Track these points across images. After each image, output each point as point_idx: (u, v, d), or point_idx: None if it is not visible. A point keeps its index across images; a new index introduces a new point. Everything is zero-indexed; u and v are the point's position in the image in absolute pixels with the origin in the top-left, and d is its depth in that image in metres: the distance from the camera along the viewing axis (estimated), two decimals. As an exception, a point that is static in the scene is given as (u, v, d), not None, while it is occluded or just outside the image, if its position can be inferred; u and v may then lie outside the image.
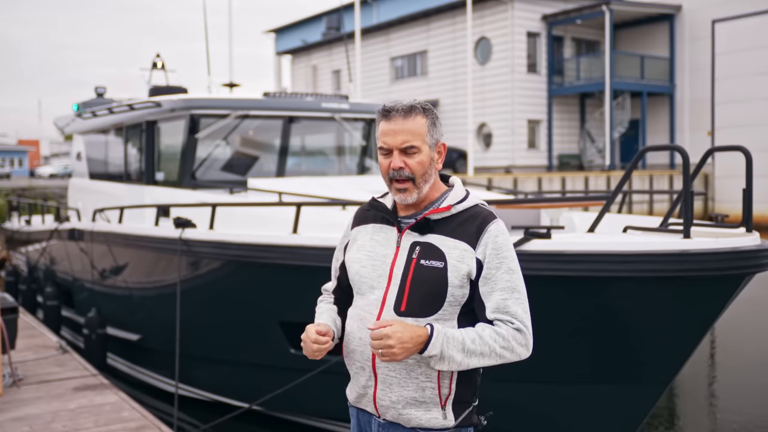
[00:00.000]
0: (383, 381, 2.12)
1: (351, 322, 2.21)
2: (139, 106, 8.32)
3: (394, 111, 2.12)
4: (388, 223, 2.23)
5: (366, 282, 2.18)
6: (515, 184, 21.77)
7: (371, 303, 2.15)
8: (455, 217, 2.15)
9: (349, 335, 2.20)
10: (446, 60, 30.68)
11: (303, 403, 6.21)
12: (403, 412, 2.11)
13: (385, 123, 2.14)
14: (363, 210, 2.34)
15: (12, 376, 6.29)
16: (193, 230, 6.24)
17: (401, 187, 2.13)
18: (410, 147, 2.11)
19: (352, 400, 2.26)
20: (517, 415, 4.90)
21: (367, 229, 2.26)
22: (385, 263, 2.16)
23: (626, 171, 4.19)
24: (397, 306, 2.10)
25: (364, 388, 2.18)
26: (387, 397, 2.12)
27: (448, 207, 2.15)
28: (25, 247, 12.75)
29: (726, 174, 25.24)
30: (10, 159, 56.58)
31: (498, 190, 9.62)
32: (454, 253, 2.09)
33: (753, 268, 3.99)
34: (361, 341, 2.14)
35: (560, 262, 4.17)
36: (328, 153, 9.05)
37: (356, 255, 2.24)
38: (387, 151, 2.14)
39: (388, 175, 2.15)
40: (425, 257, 2.10)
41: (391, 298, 2.12)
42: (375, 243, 2.21)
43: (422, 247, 2.12)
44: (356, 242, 2.28)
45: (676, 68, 28.77)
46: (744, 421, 7.02)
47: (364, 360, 2.15)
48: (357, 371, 2.19)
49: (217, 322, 6.37)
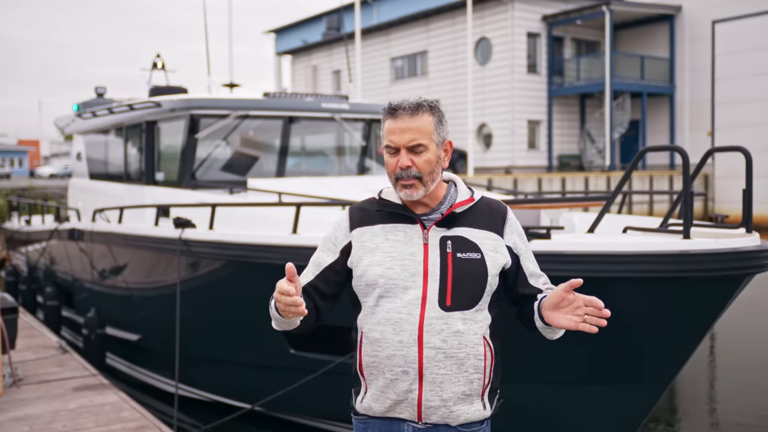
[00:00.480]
0: (432, 381, 2.06)
1: (381, 329, 2.10)
2: (139, 106, 8.32)
3: (401, 109, 2.10)
4: (404, 221, 2.16)
5: (397, 283, 2.09)
6: (515, 185, 21.77)
7: (409, 303, 2.07)
8: (473, 209, 2.18)
9: (380, 343, 2.09)
10: (446, 60, 30.68)
11: (304, 404, 6.20)
12: (453, 410, 2.08)
13: (392, 121, 2.11)
14: (362, 210, 2.24)
15: (12, 376, 6.29)
16: (193, 230, 6.23)
17: (408, 184, 2.10)
18: (418, 145, 2.09)
19: (380, 412, 2.14)
20: (518, 416, 4.89)
21: (375, 230, 2.17)
22: (415, 261, 2.09)
23: (626, 171, 4.19)
24: (442, 301, 2.07)
25: (404, 393, 2.08)
26: (437, 397, 2.07)
27: (471, 198, 2.18)
28: (25, 247, 12.74)
29: (726, 174, 25.24)
30: (10, 159, 56.59)
31: (498, 190, 9.61)
32: (486, 243, 2.14)
33: (753, 269, 3.99)
34: (402, 344, 2.06)
35: (560, 263, 4.16)
36: (328, 153, 9.05)
37: (374, 258, 2.12)
38: (394, 149, 2.11)
39: (395, 174, 2.11)
40: (460, 250, 2.11)
41: (433, 294, 2.07)
42: (395, 242, 2.13)
43: (453, 241, 2.12)
44: (365, 245, 2.16)
45: (676, 69, 28.78)
46: (744, 421, 7.02)
47: (407, 363, 2.06)
48: (394, 378, 2.08)
49: (217, 323, 6.36)
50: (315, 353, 5.70)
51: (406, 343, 2.06)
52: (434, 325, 2.06)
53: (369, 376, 2.15)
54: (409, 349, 2.06)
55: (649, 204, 24.12)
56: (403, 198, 2.14)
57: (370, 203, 2.25)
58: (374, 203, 2.23)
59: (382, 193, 2.24)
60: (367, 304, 2.15)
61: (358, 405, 2.22)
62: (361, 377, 2.19)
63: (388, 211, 2.18)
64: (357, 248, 2.17)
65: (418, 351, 2.06)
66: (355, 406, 2.24)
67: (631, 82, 27.97)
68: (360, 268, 2.14)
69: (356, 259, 2.15)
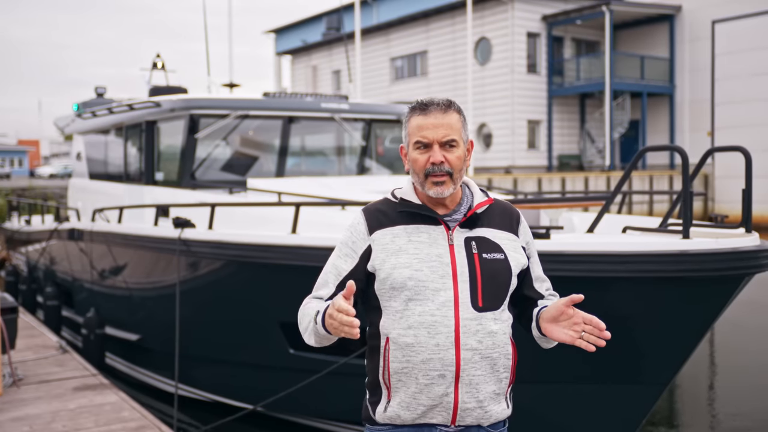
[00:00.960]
0: (468, 383, 2.04)
1: (414, 333, 2.04)
2: (138, 106, 8.32)
3: (433, 105, 2.11)
4: (427, 222, 2.12)
5: (428, 285, 2.04)
6: (515, 185, 21.76)
7: (442, 305, 2.03)
8: (490, 210, 2.19)
9: (414, 347, 2.04)
10: (446, 60, 30.68)
11: (306, 404, 6.20)
12: (488, 410, 2.09)
13: (423, 117, 2.10)
14: (379, 212, 2.17)
15: (12, 376, 6.28)
16: (192, 230, 6.23)
17: (439, 181, 2.07)
18: (452, 140, 2.09)
19: (411, 419, 2.08)
20: (517, 416, 4.88)
21: (396, 231, 2.11)
22: (443, 263, 2.06)
23: (625, 171, 4.19)
24: (474, 302, 2.06)
25: (440, 398, 2.05)
26: (473, 399, 2.06)
27: (491, 200, 2.20)
28: (25, 247, 12.74)
29: (726, 174, 25.23)
30: (10, 159, 56.59)
31: (498, 190, 9.60)
32: (506, 244, 2.16)
33: (752, 269, 3.99)
34: (439, 347, 2.02)
35: (559, 263, 4.16)
36: (327, 153, 9.05)
37: (399, 260, 2.06)
38: (426, 145, 2.09)
39: (425, 170, 2.08)
40: (485, 251, 2.11)
41: (465, 296, 2.05)
42: (419, 244, 2.08)
43: (477, 242, 2.12)
44: (387, 247, 2.10)
45: (676, 69, 28.77)
46: (744, 421, 7.02)
47: (444, 367, 2.03)
48: (429, 382, 2.04)
49: (216, 323, 6.36)
50: (314, 353, 5.70)
51: (443, 346, 2.03)
52: (470, 327, 2.05)
53: (397, 383, 2.08)
54: (446, 352, 2.03)
55: (649, 204, 24.11)
56: (433, 196, 2.10)
57: (386, 204, 2.20)
58: (391, 204, 2.19)
59: (398, 193, 2.20)
60: (394, 308, 2.08)
61: (380, 415, 2.13)
62: (385, 386, 2.11)
63: (408, 212, 2.14)
64: (378, 251, 2.11)
65: (455, 353, 2.03)
66: (374, 417, 2.15)
67: (631, 82, 27.97)
68: (384, 270, 2.08)
69: (379, 262, 2.09)
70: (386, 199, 2.22)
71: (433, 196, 2.10)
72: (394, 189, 2.24)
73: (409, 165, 2.16)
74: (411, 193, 2.17)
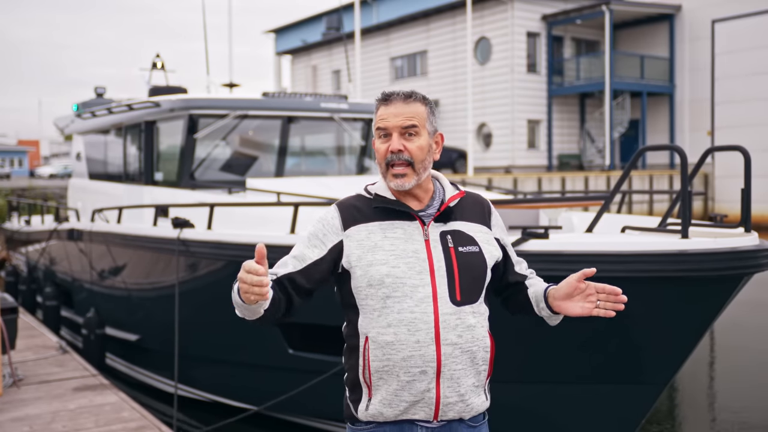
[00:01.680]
0: (449, 377, 2.04)
1: (394, 330, 2.03)
2: (138, 106, 8.32)
3: (395, 95, 2.11)
4: (402, 218, 2.10)
5: (405, 282, 2.03)
6: (515, 184, 21.76)
7: (421, 301, 2.03)
8: (462, 203, 2.19)
9: (394, 345, 2.02)
10: (446, 60, 30.68)
11: (304, 404, 6.20)
12: (469, 403, 2.09)
13: (385, 107, 2.10)
14: (353, 207, 2.15)
15: (12, 376, 6.28)
16: (191, 230, 6.23)
17: (399, 172, 2.05)
18: (412, 126, 2.07)
19: (393, 416, 2.07)
20: (517, 416, 4.89)
21: (371, 227, 2.09)
22: (419, 258, 2.05)
23: (624, 171, 4.19)
24: (453, 297, 2.05)
25: (422, 393, 2.04)
26: (454, 393, 2.06)
27: (462, 192, 2.20)
28: (24, 248, 12.75)
29: (726, 174, 25.23)
30: (10, 159, 56.59)
31: (498, 190, 9.61)
32: (480, 236, 2.16)
33: (751, 269, 3.98)
34: (419, 344, 2.02)
35: (558, 262, 4.16)
36: (327, 153, 9.05)
37: (376, 257, 2.04)
38: (386, 133, 2.08)
39: (386, 159, 2.07)
40: (461, 244, 2.11)
41: (443, 290, 2.04)
42: (395, 240, 2.07)
43: (452, 235, 2.12)
44: (362, 243, 2.07)
45: (676, 68, 28.77)
46: (744, 421, 7.01)
47: (425, 363, 2.02)
48: (411, 379, 2.03)
49: (215, 323, 6.35)
50: (314, 353, 5.70)
51: (424, 343, 2.02)
52: (449, 321, 2.05)
53: (378, 381, 2.07)
54: (427, 349, 2.02)
55: (649, 203, 24.11)
56: (394, 188, 2.09)
57: (360, 200, 2.17)
58: (365, 200, 2.16)
59: (371, 189, 2.18)
60: (371, 306, 2.07)
61: (362, 413, 2.11)
62: (365, 384, 2.10)
63: (383, 208, 2.11)
64: (353, 247, 2.08)
65: (436, 349, 2.03)
66: (356, 415, 2.13)
67: (630, 81, 27.97)
68: (360, 267, 2.06)
69: (355, 259, 2.07)
70: (360, 194, 2.19)
71: (393, 189, 2.09)
72: (367, 185, 2.21)
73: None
74: (385, 188, 2.14)
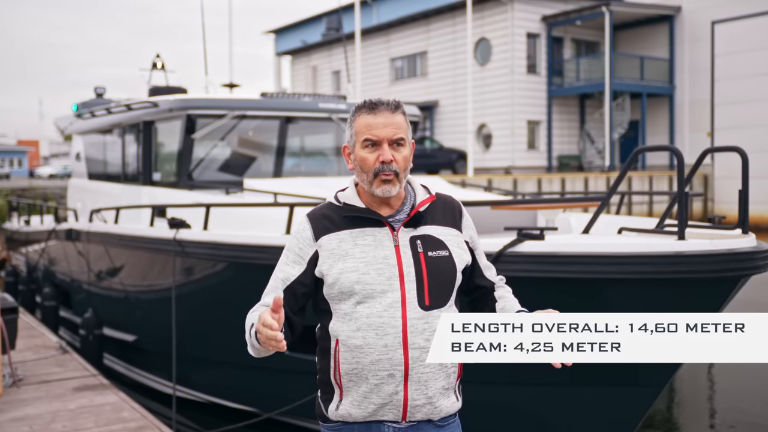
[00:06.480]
0: (417, 380, 2.08)
1: (363, 335, 2.07)
2: (136, 107, 8.31)
3: (383, 105, 2.13)
4: (372, 225, 2.14)
5: (374, 288, 2.07)
6: (515, 185, 21.74)
7: (389, 306, 2.07)
8: (432, 206, 2.22)
9: (362, 349, 2.07)
10: (446, 61, 30.68)
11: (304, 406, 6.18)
12: (437, 405, 2.12)
13: (372, 116, 2.12)
14: (323, 217, 2.19)
15: (12, 376, 6.28)
16: (188, 231, 6.22)
17: (388, 179, 2.09)
18: (401, 138, 2.12)
19: (362, 417, 2.12)
20: (513, 418, 4.89)
21: (342, 236, 2.13)
22: (389, 264, 2.09)
23: (621, 172, 4.18)
24: (421, 301, 2.09)
25: (390, 396, 2.08)
26: (422, 395, 2.09)
27: (433, 197, 2.22)
28: (24, 248, 12.75)
29: (725, 175, 25.21)
30: (9, 159, 56.60)
31: (497, 191, 9.60)
32: (450, 240, 2.19)
33: (748, 270, 3.96)
34: (387, 348, 2.06)
35: (553, 264, 4.15)
36: (326, 153, 9.04)
37: (346, 265, 2.09)
38: (375, 143, 2.11)
39: (375, 169, 2.10)
40: (430, 249, 2.14)
41: (411, 295, 2.08)
42: (365, 247, 2.11)
43: (422, 240, 2.14)
44: (333, 252, 2.12)
45: (676, 69, 28.76)
46: (744, 421, 7.00)
47: (393, 366, 2.07)
48: (379, 382, 2.08)
49: (212, 323, 6.35)
50: (312, 355, 5.68)
51: (392, 347, 2.06)
52: (417, 326, 2.08)
53: (348, 383, 2.12)
54: (394, 353, 2.07)
55: (649, 204, 24.09)
56: (381, 194, 2.11)
57: (330, 209, 2.21)
58: (335, 209, 2.20)
59: (341, 197, 2.21)
60: (343, 311, 2.11)
61: (332, 413, 2.17)
62: (336, 385, 2.15)
63: (353, 216, 2.15)
64: (326, 256, 2.13)
65: (404, 353, 2.07)
66: (327, 414, 2.19)
67: (630, 82, 27.95)
68: (331, 276, 2.10)
69: (326, 268, 2.11)
70: (330, 203, 2.23)
71: (380, 195, 2.12)
72: (337, 191, 2.24)
73: (354, 164, 2.17)
74: (354, 196, 2.19)
